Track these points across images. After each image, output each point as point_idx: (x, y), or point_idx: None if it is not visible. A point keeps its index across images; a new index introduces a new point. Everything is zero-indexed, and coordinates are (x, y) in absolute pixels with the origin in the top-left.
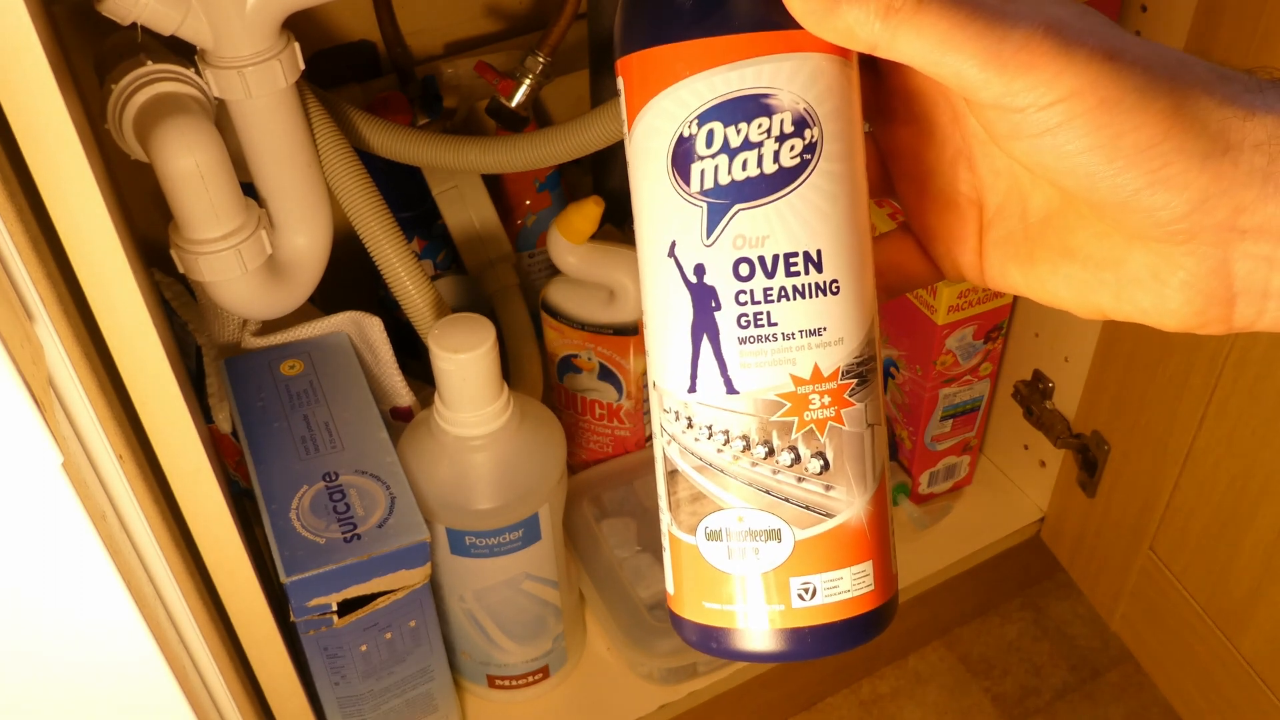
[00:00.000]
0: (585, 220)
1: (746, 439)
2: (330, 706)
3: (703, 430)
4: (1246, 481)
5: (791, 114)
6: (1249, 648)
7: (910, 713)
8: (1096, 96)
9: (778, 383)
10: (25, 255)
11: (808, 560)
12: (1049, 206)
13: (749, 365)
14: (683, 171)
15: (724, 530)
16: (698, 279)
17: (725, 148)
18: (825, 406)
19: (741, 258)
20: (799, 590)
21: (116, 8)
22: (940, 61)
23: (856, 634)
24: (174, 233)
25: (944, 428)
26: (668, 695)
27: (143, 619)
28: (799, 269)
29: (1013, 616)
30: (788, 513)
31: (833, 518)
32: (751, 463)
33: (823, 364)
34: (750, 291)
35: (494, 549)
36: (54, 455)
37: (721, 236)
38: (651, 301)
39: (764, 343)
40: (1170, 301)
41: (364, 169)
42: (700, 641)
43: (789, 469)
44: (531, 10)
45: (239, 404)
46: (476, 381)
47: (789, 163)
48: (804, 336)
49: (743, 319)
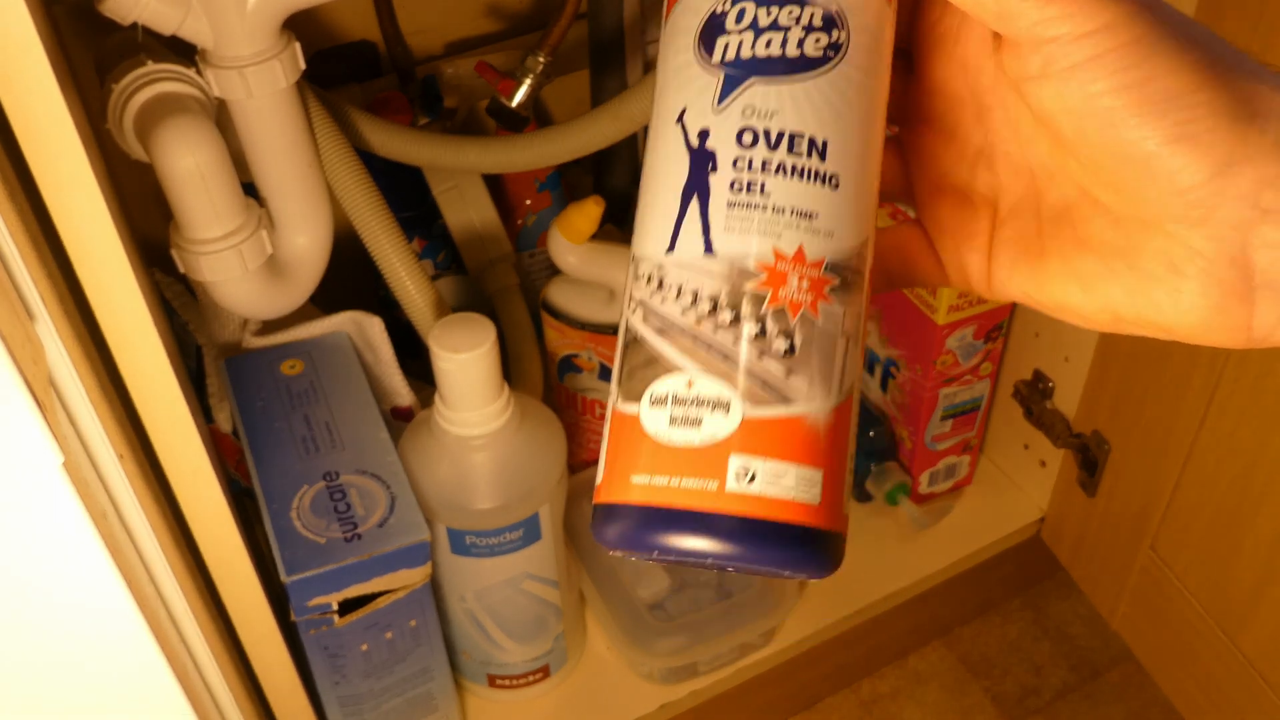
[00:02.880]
0: (586, 220)
1: (715, 301)
2: (331, 706)
3: (672, 289)
4: (1248, 481)
5: (823, 10)
6: (1250, 647)
7: (910, 713)
8: (1132, 33)
9: (759, 251)
10: (26, 255)
11: (754, 440)
12: (1064, 200)
13: (733, 229)
14: (708, 43)
15: (670, 394)
16: (699, 143)
17: (753, 25)
18: (802, 291)
19: (747, 126)
20: (738, 469)
21: (117, 8)
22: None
23: (791, 544)
24: (174, 232)
25: (944, 427)
26: (668, 695)
27: (143, 618)
28: (801, 150)
29: (1013, 616)
30: (742, 385)
31: (788, 404)
32: (715, 326)
33: (809, 247)
34: (749, 160)
35: (494, 549)
36: (55, 455)
37: (732, 105)
38: (648, 171)
39: (752, 209)
40: (1186, 295)
41: (364, 169)
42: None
43: (752, 341)
44: (531, 10)
45: (239, 404)
46: (477, 381)
47: (812, 52)
48: (794, 215)
49: (735, 184)
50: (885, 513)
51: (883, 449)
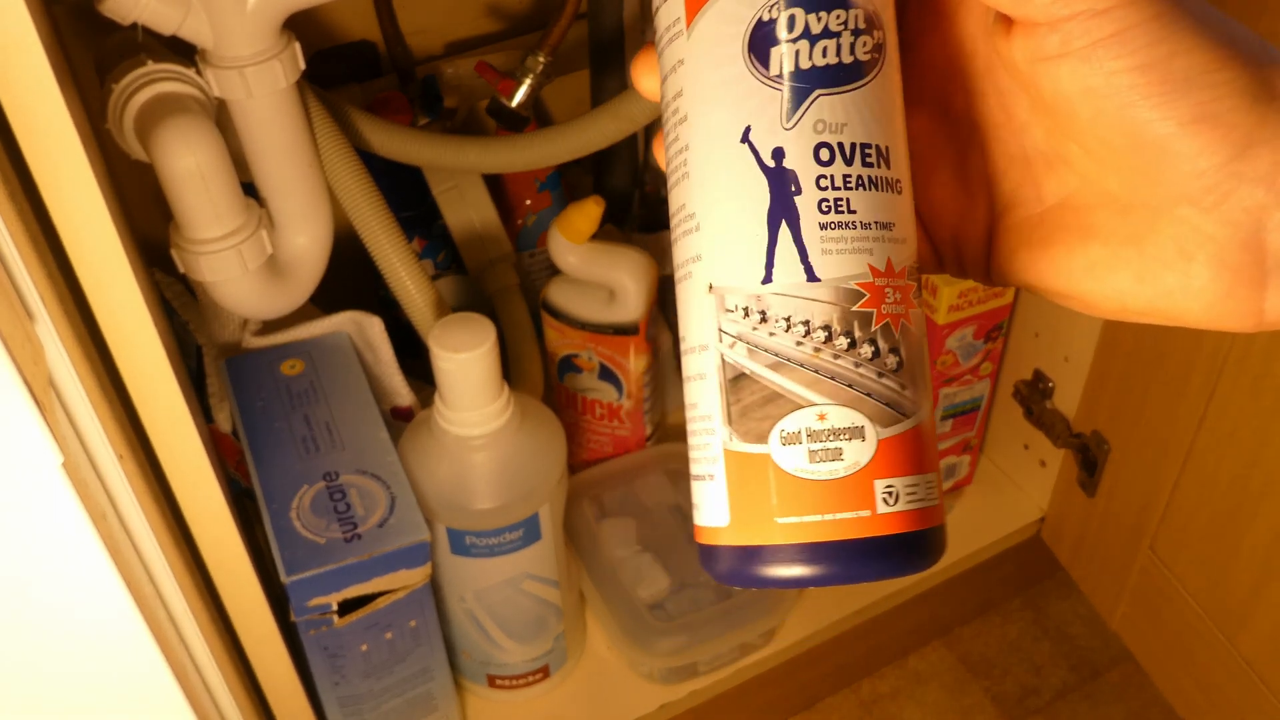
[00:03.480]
0: (586, 220)
1: (829, 329)
2: (330, 706)
3: (779, 323)
4: (1247, 481)
5: (864, 11)
6: (1249, 647)
7: (910, 713)
8: (1153, 8)
9: (858, 271)
10: (25, 255)
11: (891, 461)
12: (1065, 188)
13: (830, 251)
14: (761, 55)
15: (803, 430)
16: (776, 163)
17: (807, 33)
18: (898, 303)
19: (822, 142)
20: (884, 493)
21: (117, 8)
22: None
23: (932, 548)
24: (174, 232)
25: (944, 427)
26: (668, 695)
27: (143, 619)
28: (873, 160)
29: (1013, 616)
30: (870, 409)
31: (909, 418)
32: (834, 354)
33: (894, 258)
34: (831, 177)
35: (494, 549)
36: (54, 455)
37: (803, 120)
38: (714, 193)
39: (844, 229)
40: (1196, 279)
41: (364, 169)
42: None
43: (871, 362)
44: (531, 10)
45: (239, 404)
46: (477, 381)
47: (864, 56)
48: (878, 228)
49: (824, 204)
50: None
51: None
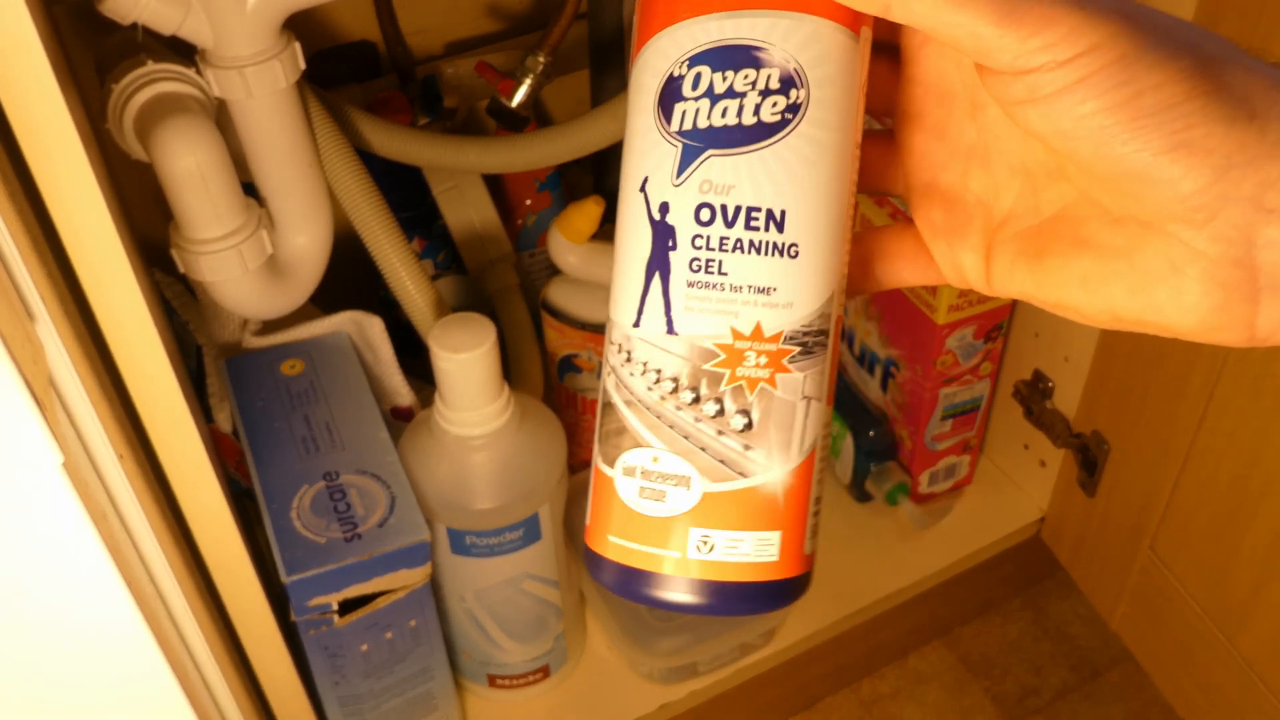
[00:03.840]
0: (586, 220)
1: (676, 381)
2: (331, 706)
3: (638, 365)
4: (1247, 481)
5: (780, 71)
6: (1249, 647)
7: (910, 712)
8: (1115, 51)
9: (716, 331)
10: (26, 255)
11: (711, 514)
12: (1062, 200)
13: (692, 309)
14: (666, 110)
15: (639, 468)
16: (660, 216)
17: (709, 92)
18: (760, 366)
19: (704, 202)
20: (698, 541)
21: (117, 8)
22: (953, 22)
23: (749, 600)
24: (174, 232)
25: (944, 427)
26: (668, 695)
27: (144, 618)
28: (759, 224)
29: (1013, 616)
30: (701, 462)
31: (746, 478)
32: (676, 406)
33: (765, 323)
34: (707, 237)
35: (494, 548)
36: (55, 455)
37: (690, 178)
38: (619, 235)
39: (710, 290)
40: (1188, 294)
41: (364, 169)
42: (603, 576)
43: (711, 420)
44: (531, 10)
45: (239, 404)
46: (477, 381)
47: (769, 118)
48: (751, 292)
49: (694, 263)
50: (885, 513)
51: (883, 449)
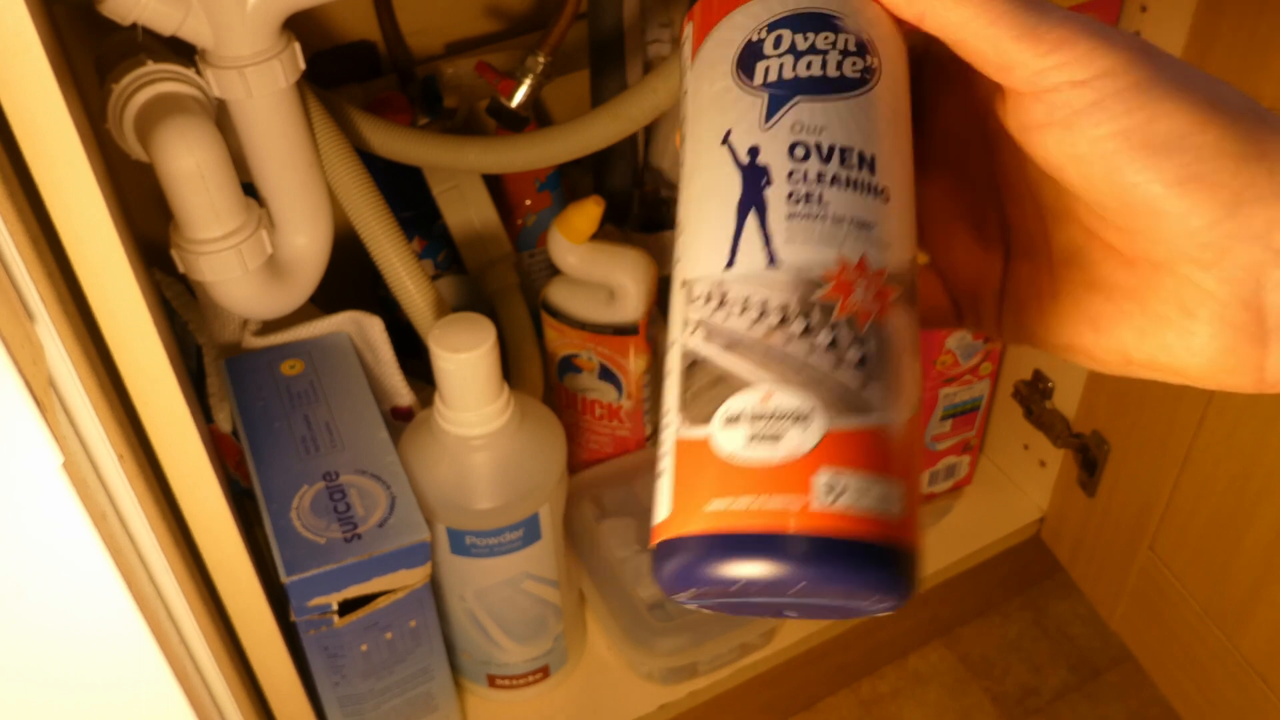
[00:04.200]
0: (586, 220)
1: (784, 311)
2: (330, 706)
3: (736, 305)
4: (1246, 481)
5: (856, 37)
6: (1249, 647)
7: (910, 712)
8: (1131, 77)
9: (824, 259)
10: (25, 255)
11: (839, 452)
12: (1073, 243)
13: (794, 240)
14: (747, 69)
15: (746, 411)
16: (750, 159)
17: (792, 49)
18: (869, 300)
19: (798, 141)
20: (826, 484)
21: (117, 8)
22: (981, 34)
23: (879, 564)
24: (174, 232)
25: (944, 427)
26: (668, 695)
27: (143, 619)
28: (853, 163)
29: (1013, 616)
30: (822, 394)
31: (868, 414)
32: (786, 338)
33: (870, 257)
34: (804, 172)
35: (494, 549)
36: (54, 455)
37: (780, 121)
38: (694, 194)
39: (814, 220)
40: (1198, 337)
41: (364, 169)
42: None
43: (825, 350)
44: (531, 10)
45: (239, 404)
46: (477, 381)
47: (850, 73)
48: (854, 225)
49: (794, 196)
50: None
51: None
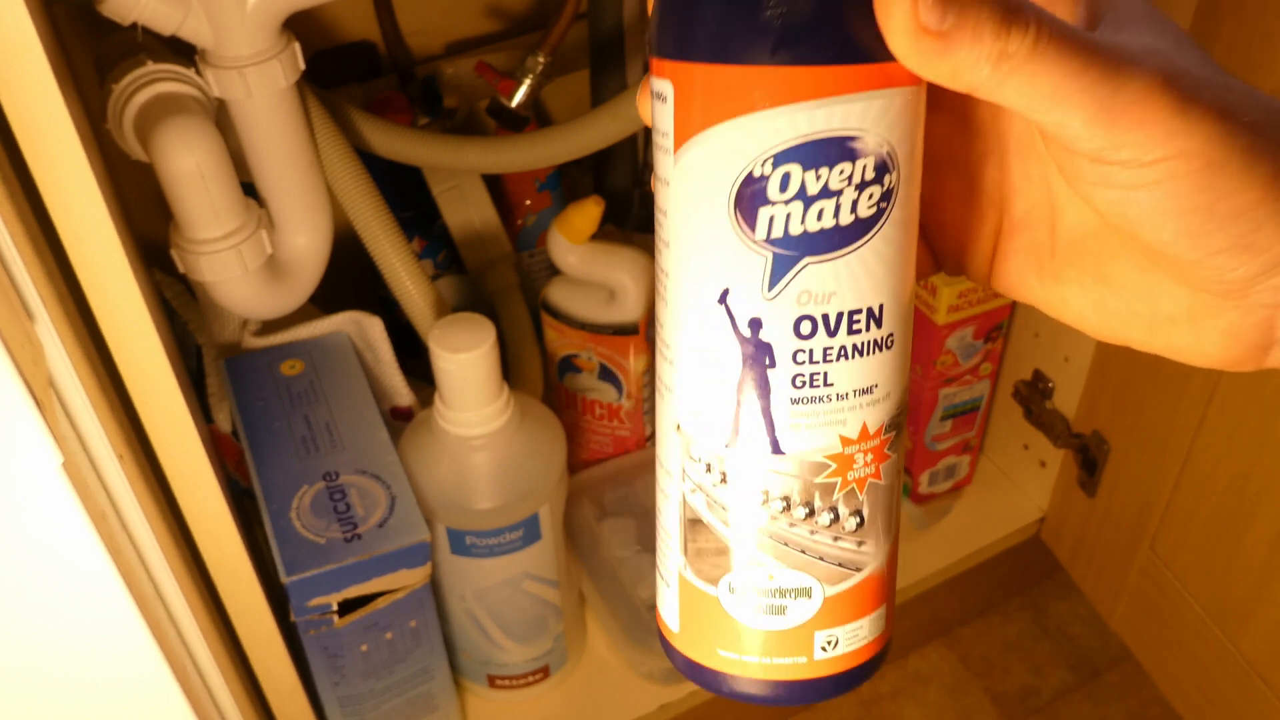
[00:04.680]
0: (585, 220)
1: (787, 500)
2: (330, 706)
3: (737, 486)
4: (1246, 481)
5: (875, 158)
6: (1249, 647)
7: (910, 712)
8: (1204, 159)
9: (826, 444)
10: (25, 255)
11: (834, 614)
12: (1084, 227)
13: (799, 426)
14: (748, 215)
15: (751, 587)
16: (752, 333)
17: (801, 194)
18: (867, 464)
19: (805, 315)
20: (823, 643)
21: (117, 8)
22: (1046, 111)
23: (867, 674)
24: (174, 232)
25: (944, 428)
26: (668, 695)
27: (143, 619)
28: (861, 326)
29: (1013, 616)
30: (820, 571)
31: (861, 571)
32: (790, 523)
33: (870, 422)
34: (810, 351)
35: (494, 549)
36: (54, 455)
37: (786, 291)
38: (688, 344)
39: (817, 404)
40: (1207, 345)
41: (364, 169)
42: (706, 682)
43: (826, 529)
44: (531, 10)
45: (239, 404)
46: (477, 381)
47: (865, 213)
48: (856, 396)
49: (798, 379)
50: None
51: None
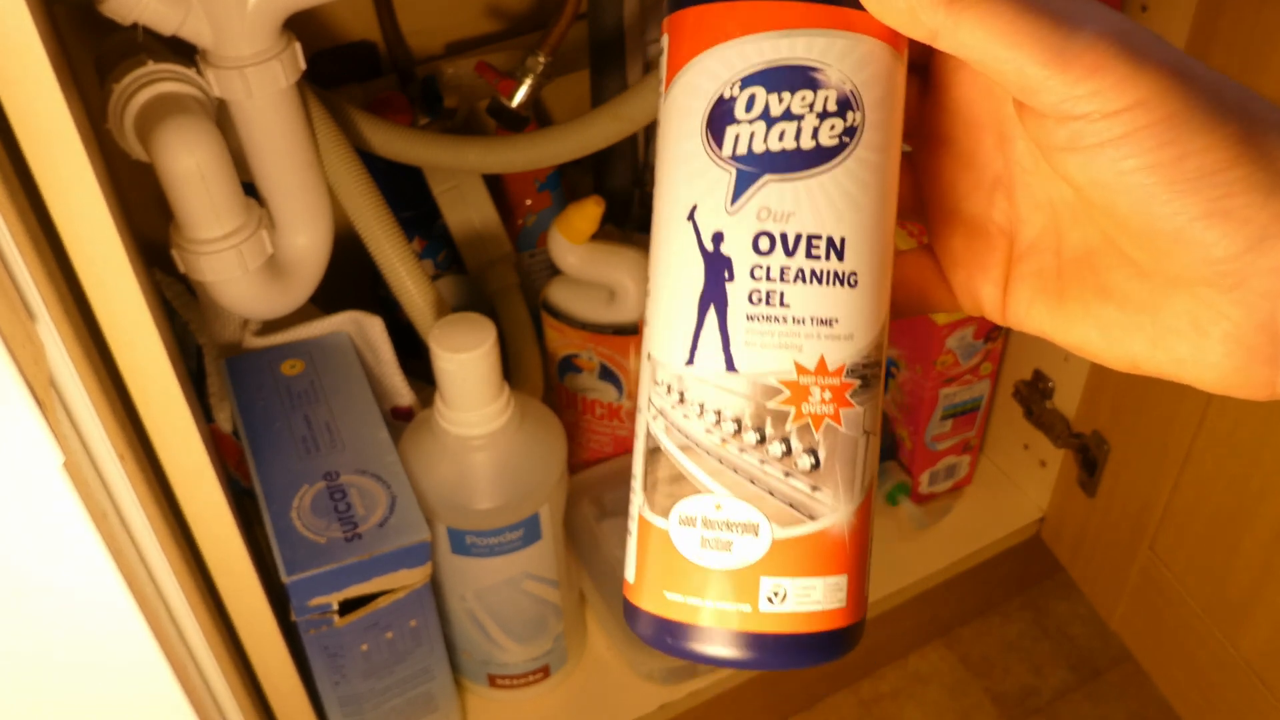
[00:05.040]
0: (586, 220)
1: (739, 422)
2: (331, 706)
3: (694, 407)
4: (1246, 481)
5: (837, 93)
6: (1248, 647)
7: (910, 713)
8: (1165, 109)
9: (780, 367)
10: (26, 255)
11: (783, 561)
12: (1087, 244)
13: (753, 344)
14: (717, 133)
15: (699, 517)
16: (714, 246)
17: (765, 115)
18: (825, 402)
19: (763, 231)
20: (770, 592)
21: (117, 8)
22: (1001, 56)
23: (821, 650)
24: (175, 232)
25: (944, 427)
26: (668, 695)
27: (144, 618)
28: (820, 253)
29: (1013, 616)
30: (770, 507)
31: (815, 520)
32: (739, 448)
33: (829, 356)
34: (767, 268)
35: (494, 548)
36: (55, 455)
37: (747, 206)
38: (660, 266)
39: (772, 323)
40: (1210, 354)
41: (364, 169)
42: (655, 635)
43: (778, 461)
44: (532, 10)
45: (240, 403)
46: (477, 381)
47: (827, 142)
48: (814, 324)
49: (754, 295)
50: (885, 513)
51: (883, 449)
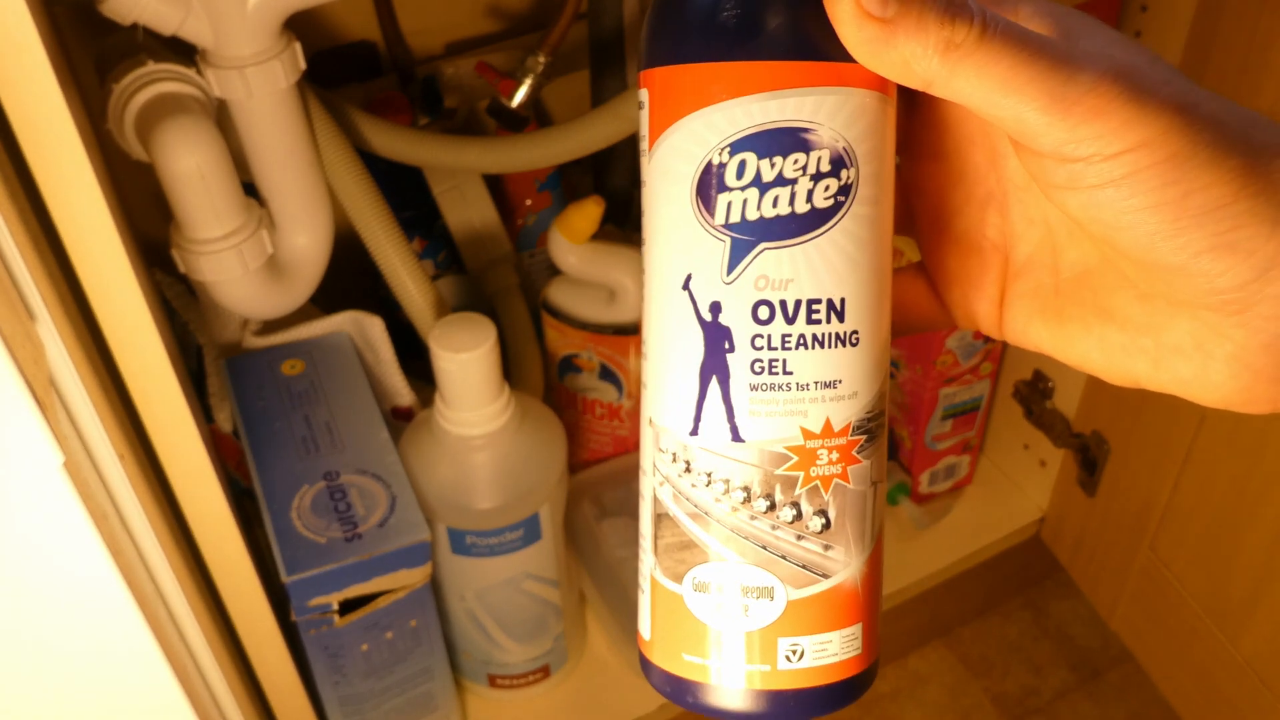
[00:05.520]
0: (586, 220)
1: (748, 490)
2: (331, 706)
3: (701, 476)
4: (1246, 481)
5: (830, 152)
6: (1249, 647)
7: (910, 713)
8: (1167, 150)
9: (787, 434)
10: (26, 255)
11: (799, 621)
12: (1085, 263)
13: (758, 414)
14: (708, 201)
15: (714, 583)
16: (712, 317)
17: (757, 181)
18: (832, 463)
19: (762, 300)
20: (787, 651)
21: (117, 8)
22: (1000, 104)
23: (839, 699)
24: (175, 232)
25: (944, 427)
26: None
27: (144, 618)
28: (820, 317)
29: (1013, 616)
30: (783, 570)
31: (828, 579)
32: (750, 515)
33: (834, 418)
34: (768, 336)
35: (494, 548)
36: (55, 455)
37: (743, 275)
38: (657, 333)
39: (776, 391)
40: (1215, 375)
41: (365, 169)
42: (674, 693)
43: (789, 525)
44: (532, 10)
45: (240, 403)
46: (477, 381)
47: (822, 204)
48: (818, 388)
49: (756, 364)
50: (886, 513)
51: None
